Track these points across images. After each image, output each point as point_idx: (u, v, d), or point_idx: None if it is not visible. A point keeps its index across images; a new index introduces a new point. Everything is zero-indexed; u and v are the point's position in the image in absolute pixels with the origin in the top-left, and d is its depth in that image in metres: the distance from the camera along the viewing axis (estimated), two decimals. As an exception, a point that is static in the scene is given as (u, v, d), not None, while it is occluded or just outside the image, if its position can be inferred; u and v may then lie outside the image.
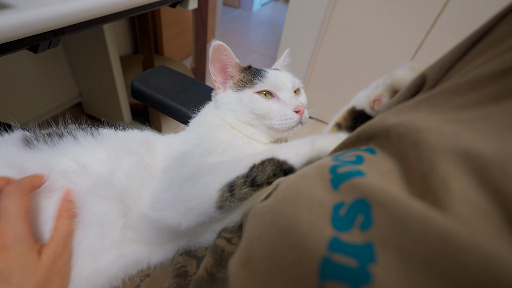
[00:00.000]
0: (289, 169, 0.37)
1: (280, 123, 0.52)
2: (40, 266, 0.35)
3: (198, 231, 0.42)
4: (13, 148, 0.44)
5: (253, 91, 0.54)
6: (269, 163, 0.38)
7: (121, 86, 1.54)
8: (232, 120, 0.56)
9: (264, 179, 0.37)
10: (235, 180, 0.38)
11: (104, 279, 0.40)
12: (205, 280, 0.32)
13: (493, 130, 0.19)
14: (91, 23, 0.69)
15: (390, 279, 0.16)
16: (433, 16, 1.38)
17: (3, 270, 0.33)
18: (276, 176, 0.38)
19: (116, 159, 0.45)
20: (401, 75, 0.38)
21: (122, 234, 0.41)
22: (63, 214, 0.39)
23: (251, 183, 0.37)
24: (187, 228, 0.39)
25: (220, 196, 0.37)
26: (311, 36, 1.70)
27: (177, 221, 0.38)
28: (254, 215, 0.27)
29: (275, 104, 0.53)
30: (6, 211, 0.35)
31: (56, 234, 0.38)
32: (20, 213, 0.35)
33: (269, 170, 0.37)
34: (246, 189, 0.37)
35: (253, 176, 0.37)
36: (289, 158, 0.38)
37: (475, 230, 0.16)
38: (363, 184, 0.22)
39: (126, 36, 2.04)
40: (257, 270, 0.21)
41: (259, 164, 0.38)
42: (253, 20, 3.92)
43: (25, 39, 0.54)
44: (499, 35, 0.25)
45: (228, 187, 0.38)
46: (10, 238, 0.34)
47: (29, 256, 0.34)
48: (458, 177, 0.18)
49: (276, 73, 0.56)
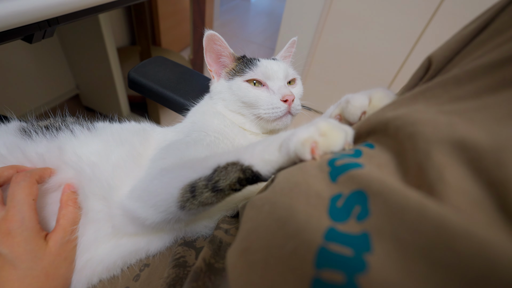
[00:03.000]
0: (255, 177, 0.32)
1: (267, 112, 0.51)
2: (48, 252, 0.36)
3: (171, 227, 0.40)
4: (11, 138, 0.45)
5: (242, 79, 0.54)
6: (233, 168, 0.32)
7: (118, 77, 1.52)
8: (222, 109, 0.56)
9: (226, 185, 0.32)
10: (197, 181, 0.34)
11: (102, 268, 0.41)
12: (203, 271, 0.33)
13: (488, 120, 0.19)
14: (86, 12, 0.68)
15: (386, 268, 0.16)
16: (434, 6, 1.37)
17: (9, 255, 0.34)
18: (241, 184, 0.33)
19: (108, 150, 0.46)
20: (351, 108, 0.35)
21: (115, 230, 0.42)
22: (69, 202, 0.40)
23: (213, 187, 0.33)
24: (153, 223, 0.37)
25: (181, 195, 0.35)
26: (310, 26, 1.68)
27: (144, 214, 0.37)
28: (251, 206, 0.27)
29: (263, 93, 0.53)
30: (13, 198, 0.36)
31: (62, 221, 0.39)
32: (27, 200, 0.36)
33: (232, 176, 0.32)
34: (207, 193, 0.33)
35: (215, 180, 0.33)
36: (254, 164, 0.31)
37: (469, 219, 0.16)
38: (361, 175, 0.22)
39: (123, 27, 2.01)
40: (255, 260, 0.21)
41: (223, 167, 0.33)
42: (251, 11, 3.87)
43: (19, 28, 0.53)
44: (500, 26, 0.25)
45: (190, 187, 0.34)
46: (16, 224, 0.35)
47: (36, 242, 0.35)
48: (453, 167, 0.18)
49: (268, 62, 0.56)
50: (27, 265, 0.34)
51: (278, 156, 0.30)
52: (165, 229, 0.41)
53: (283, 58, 0.66)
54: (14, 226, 0.34)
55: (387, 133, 0.25)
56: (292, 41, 0.66)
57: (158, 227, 0.39)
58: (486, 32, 0.26)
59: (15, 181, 0.38)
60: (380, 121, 0.27)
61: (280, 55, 0.66)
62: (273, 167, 0.31)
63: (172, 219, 0.37)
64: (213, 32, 0.54)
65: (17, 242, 0.34)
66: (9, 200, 0.36)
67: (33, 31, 0.58)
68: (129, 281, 0.41)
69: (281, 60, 0.63)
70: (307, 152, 0.27)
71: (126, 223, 0.41)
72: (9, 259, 0.34)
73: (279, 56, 0.65)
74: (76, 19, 0.66)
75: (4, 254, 0.34)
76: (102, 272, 0.41)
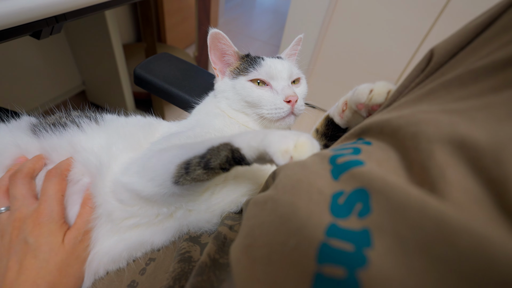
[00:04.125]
0: (240, 158, 0.36)
1: (270, 112, 0.52)
2: (62, 249, 0.38)
3: (164, 200, 0.42)
4: (22, 135, 0.47)
5: (246, 79, 0.54)
6: (224, 148, 0.36)
7: (124, 74, 1.54)
8: (225, 107, 0.56)
9: (217, 163, 0.36)
10: (192, 158, 0.37)
11: (108, 259, 0.42)
12: (208, 266, 0.33)
13: (490, 119, 0.19)
14: (93, 8, 0.69)
15: (386, 263, 0.17)
16: (441, 4, 1.35)
17: (33, 244, 0.36)
18: (229, 164, 0.36)
19: (111, 143, 0.47)
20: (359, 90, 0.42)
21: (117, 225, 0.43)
22: (88, 202, 0.42)
23: (205, 164, 0.36)
24: (148, 195, 0.40)
25: (177, 171, 0.38)
26: (315, 24, 1.67)
27: (141, 187, 0.40)
28: (254, 204, 0.27)
29: (267, 93, 0.53)
30: (46, 192, 0.40)
31: (78, 220, 0.41)
32: (57, 195, 0.40)
33: (222, 154, 0.36)
34: (199, 170, 0.37)
35: (208, 158, 0.36)
36: (242, 148, 0.36)
37: (469, 216, 0.16)
38: (363, 173, 0.22)
39: (129, 24, 2.02)
40: (258, 256, 0.22)
41: (216, 147, 0.37)
42: (257, 8, 3.85)
43: (27, 25, 0.54)
44: (506, 22, 0.25)
45: (185, 164, 0.37)
46: (45, 217, 0.38)
47: (56, 235, 0.38)
48: (454, 166, 0.18)
49: (272, 62, 0.56)
50: (44, 257, 0.36)
51: (259, 145, 0.34)
52: (159, 201, 0.42)
53: (289, 56, 0.65)
54: (44, 219, 0.38)
55: (384, 131, 0.26)
56: (298, 39, 0.65)
57: (152, 199, 0.41)
58: (492, 28, 0.26)
59: (48, 177, 0.41)
60: (378, 121, 0.28)
61: (286, 53, 0.65)
62: (255, 153, 0.35)
63: (167, 193, 0.39)
64: (218, 30, 0.54)
65: (42, 232, 0.37)
66: (42, 194, 0.40)
67: (41, 27, 0.58)
68: (135, 274, 0.41)
69: (286, 58, 0.62)
70: (282, 161, 0.31)
71: (119, 198, 0.42)
72: (33, 248, 0.36)
73: (284, 54, 0.65)
74: (83, 15, 0.67)
75: (30, 243, 0.36)
76: (108, 264, 0.42)
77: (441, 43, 0.30)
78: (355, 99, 0.43)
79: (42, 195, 0.40)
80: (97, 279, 0.42)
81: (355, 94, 0.43)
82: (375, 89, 0.40)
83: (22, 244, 0.37)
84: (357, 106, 0.43)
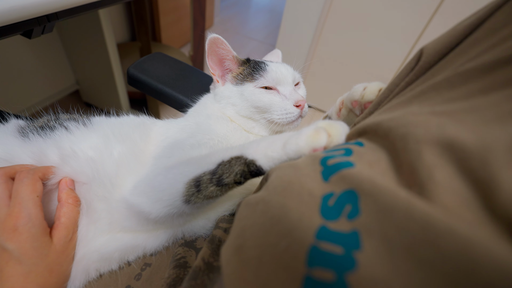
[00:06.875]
0: (257, 171, 0.34)
1: (281, 117, 0.52)
2: (53, 249, 0.37)
3: (172, 222, 0.41)
4: (10, 138, 0.45)
5: (254, 86, 0.54)
6: (237, 162, 0.35)
7: (118, 73, 1.52)
8: (232, 114, 0.56)
9: (231, 178, 0.34)
10: (201, 175, 0.36)
11: (98, 256, 0.41)
12: (202, 269, 0.33)
13: (477, 121, 0.20)
14: (86, 7, 0.68)
15: (374, 265, 0.17)
16: (435, 5, 1.36)
17: (15, 251, 0.34)
18: (244, 177, 0.34)
19: (109, 146, 0.46)
20: (355, 89, 0.46)
21: (111, 226, 0.42)
22: (69, 200, 0.40)
23: (217, 181, 0.35)
24: (157, 217, 0.38)
25: (186, 190, 0.36)
26: (310, 23, 1.67)
27: (149, 208, 0.38)
28: (246, 205, 0.27)
29: (276, 98, 0.53)
30: (18, 194, 0.36)
31: (64, 220, 0.39)
32: (31, 196, 0.36)
33: (236, 169, 0.34)
34: (212, 187, 0.35)
35: (219, 174, 0.35)
36: (258, 159, 0.34)
37: (455, 218, 0.16)
38: (352, 175, 0.22)
39: (123, 23, 2.00)
40: (249, 258, 0.22)
41: (227, 161, 0.35)
42: (252, 7, 3.85)
43: (18, 24, 0.53)
44: (494, 24, 0.25)
45: (195, 181, 0.36)
46: (23, 220, 0.35)
47: (42, 239, 0.36)
48: (442, 167, 0.19)
49: (277, 67, 0.56)
50: (33, 261, 0.34)
51: (281, 154, 0.32)
52: (167, 223, 0.41)
53: None
54: (21, 223, 0.35)
55: (377, 133, 0.26)
56: (277, 55, 0.69)
57: (161, 221, 0.39)
58: (481, 29, 0.26)
59: (19, 178, 0.38)
60: (371, 123, 0.28)
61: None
62: (275, 163, 0.33)
63: (176, 213, 0.38)
64: (217, 35, 0.54)
65: (25, 238, 0.34)
66: (14, 197, 0.36)
67: (32, 26, 0.57)
68: (130, 279, 0.41)
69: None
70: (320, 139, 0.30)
71: (126, 217, 0.41)
72: (16, 255, 0.34)
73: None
74: (75, 14, 0.66)
75: (10, 250, 0.34)
76: (98, 262, 0.41)
77: (430, 43, 0.30)
78: (350, 97, 0.46)
79: (14, 198, 0.36)
80: (91, 281, 0.41)
81: (351, 92, 0.46)
82: (368, 87, 0.43)
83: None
84: (352, 103, 0.46)
